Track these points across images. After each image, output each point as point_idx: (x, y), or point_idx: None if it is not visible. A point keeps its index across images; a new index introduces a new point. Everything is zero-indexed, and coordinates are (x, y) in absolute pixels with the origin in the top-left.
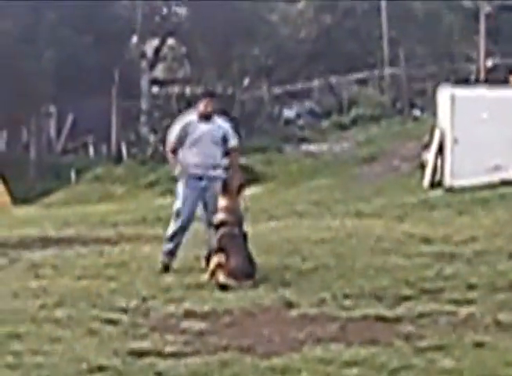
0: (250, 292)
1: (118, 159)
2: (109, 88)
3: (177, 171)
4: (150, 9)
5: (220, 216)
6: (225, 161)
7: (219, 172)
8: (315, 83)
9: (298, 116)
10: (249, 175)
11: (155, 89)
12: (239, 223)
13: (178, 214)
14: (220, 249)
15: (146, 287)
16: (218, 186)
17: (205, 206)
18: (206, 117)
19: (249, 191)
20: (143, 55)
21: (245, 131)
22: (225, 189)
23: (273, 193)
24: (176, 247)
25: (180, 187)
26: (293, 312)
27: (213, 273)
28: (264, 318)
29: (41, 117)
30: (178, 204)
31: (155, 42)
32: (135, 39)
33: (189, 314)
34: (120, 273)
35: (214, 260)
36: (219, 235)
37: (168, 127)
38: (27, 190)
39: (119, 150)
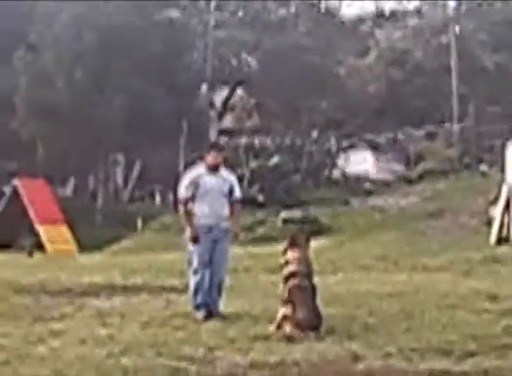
0: (316, 344)
1: None
2: (178, 137)
3: (187, 233)
4: (220, 59)
5: (291, 267)
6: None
7: (226, 224)
8: (383, 137)
9: (366, 169)
10: (315, 227)
11: (223, 139)
12: (309, 275)
13: (193, 268)
14: (288, 301)
15: (212, 337)
16: (228, 240)
17: (210, 261)
18: (214, 169)
19: (315, 243)
20: (212, 105)
21: (312, 183)
22: (294, 241)
23: (339, 245)
24: (203, 297)
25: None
26: (360, 366)
27: (280, 325)
28: (330, 370)
29: (108, 165)
30: (191, 259)
31: (224, 92)
32: (204, 89)
33: (255, 365)
34: (187, 322)
35: (282, 311)
36: (289, 286)
37: (239, 178)
38: (94, 238)
39: None
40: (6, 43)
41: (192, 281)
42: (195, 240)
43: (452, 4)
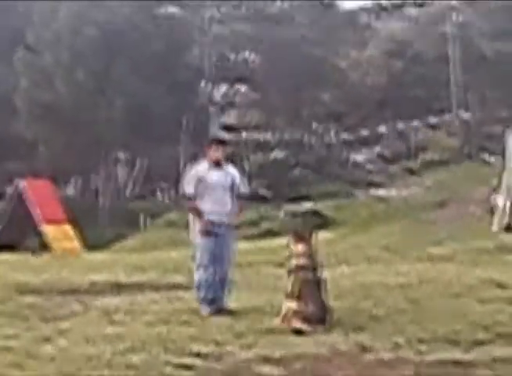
0: (324, 337)
1: None
2: (179, 134)
3: (198, 227)
4: (220, 55)
5: (296, 261)
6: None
7: (231, 219)
8: (384, 128)
9: (367, 161)
10: (319, 220)
11: (225, 135)
12: (315, 268)
13: (199, 264)
14: (294, 294)
15: (219, 332)
16: (233, 235)
17: (216, 256)
18: (217, 164)
19: (319, 236)
20: (212, 101)
21: (315, 176)
22: (299, 235)
23: (344, 237)
24: (209, 293)
25: (197, 236)
26: (369, 357)
27: (285, 318)
28: (339, 362)
29: (111, 164)
30: (196, 254)
31: (223, 88)
32: (204, 85)
33: (263, 359)
34: (194, 318)
35: (288, 305)
36: (294, 280)
37: (241, 173)
38: (98, 236)
39: None
40: (5, 43)
41: (198, 277)
42: (207, 233)
43: None
